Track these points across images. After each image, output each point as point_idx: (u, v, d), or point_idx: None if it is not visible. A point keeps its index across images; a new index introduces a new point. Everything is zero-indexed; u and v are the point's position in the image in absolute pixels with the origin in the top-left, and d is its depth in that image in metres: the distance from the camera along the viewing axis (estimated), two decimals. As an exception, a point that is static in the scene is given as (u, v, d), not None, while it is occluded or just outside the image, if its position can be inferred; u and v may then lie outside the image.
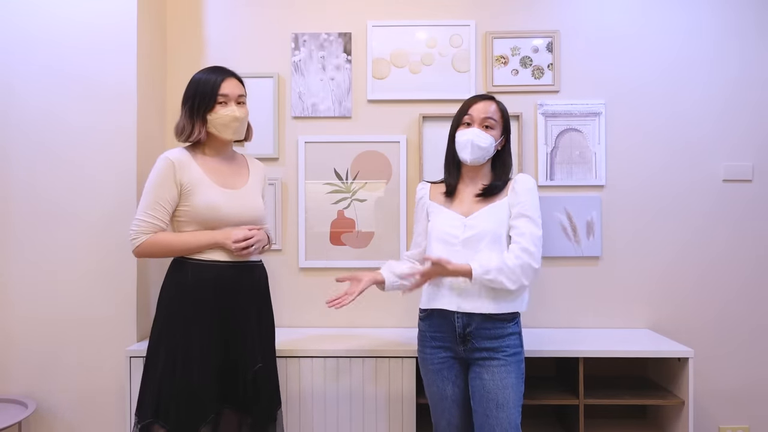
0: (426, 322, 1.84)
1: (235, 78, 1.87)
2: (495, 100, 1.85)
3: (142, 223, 1.77)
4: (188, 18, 2.56)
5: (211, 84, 1.81)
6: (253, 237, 1.81)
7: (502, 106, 1.86)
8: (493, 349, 1.73)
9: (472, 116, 1.81)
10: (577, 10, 2.53)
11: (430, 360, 1.82)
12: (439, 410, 1.82)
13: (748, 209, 2.49)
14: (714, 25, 2.50)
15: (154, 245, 1.78)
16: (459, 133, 1.82)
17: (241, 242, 1.77)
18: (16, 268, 2.28)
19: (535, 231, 1.74)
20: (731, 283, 2.49)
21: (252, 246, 1.80)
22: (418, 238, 1.95)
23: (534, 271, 1.73)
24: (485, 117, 1.80)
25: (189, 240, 1.78)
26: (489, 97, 1.86)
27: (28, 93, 2.27)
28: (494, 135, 1.80)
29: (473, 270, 1.69)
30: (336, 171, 2.52)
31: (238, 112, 1.82)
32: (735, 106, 2.49)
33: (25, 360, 2.28)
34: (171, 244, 1.78)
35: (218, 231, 1.79)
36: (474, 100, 1.84)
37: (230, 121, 1.81)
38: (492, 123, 1.80)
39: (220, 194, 1.80)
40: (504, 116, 1.85)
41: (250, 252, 1.81)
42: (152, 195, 1.77)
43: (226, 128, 1.82)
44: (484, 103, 1.82)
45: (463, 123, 1.83)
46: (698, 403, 2.44)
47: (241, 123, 1.84)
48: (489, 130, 1.80)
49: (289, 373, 2.12)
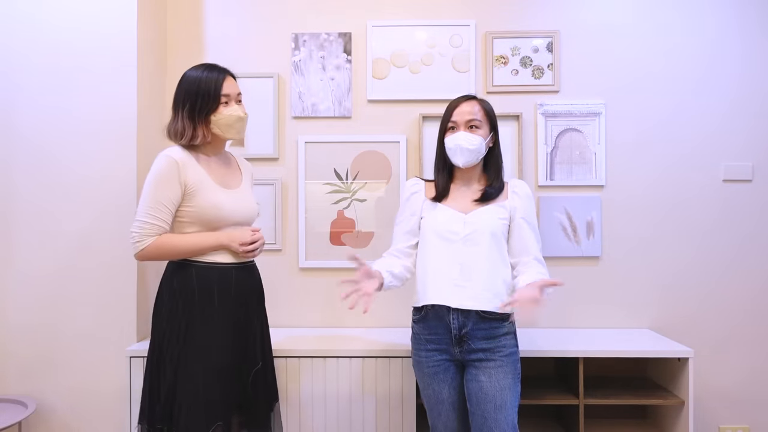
0: (420, 324, 1.81)
1: (231, 76, 1.84)
2: (477, 99, 1.85)
3: (144, 224, 1.69)
4: (188, 18, 2.56)
5: (213, 84, 1.76)
6: (259, 239, 1.82)
7: (485, 104, 1.86)
8: (489, 349, 1.72)
9: (456, 121, 1.81)
10: (577, 10, 2.53)
11: (425, 363, 1.79)
12: (435, 413, 1.80)
13: (748, 209, 2.49)
14: (714, 25, 2.50)
15: (159, 248, 1.71)
16: (447, 139, 1.82)
17: (249, 245, 1.78)
18: (16, 268, 2.28)
19: (538, 244, 1.82)
20: (731, 282, 2.48)
21: (257, 248, 1.81)
22: (407, 235, 1.88)
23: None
24: (469, 119, 1.80)
25: (194, 242, 1.74)
26: (470, 97, 1.86)
27: (28, 93, 2.28)
28: (481, 134, 1.80)
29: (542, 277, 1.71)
30: (336, 171, 2.52)
31: (241, 112, 1.80)
32: (735, 106, 2.49)
33: (25, 360, 2.28)
34: (176, 246, 1.73)
35: (222, 233, 1.76)
36: (456, 103, 1.84)
37: (235, 122, 1.79)
38: (477, 123, 1.80)
39: (222, 194, 1.78)
40: (489, 114, 1.84)
41: (255, 254, 1.82)
42: (155, 195, 1.70)
43: (230, 128, 1.79)
44: (466, 104, 1.83)
45: (448, 128, 1.83)
46: (698, 403, 2.44)
47: (244, 122, 1.82)
48: (475, 130, 1.80)
49: (289, 373, 2.12)
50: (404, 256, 1.89)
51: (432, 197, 1.86)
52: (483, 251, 1.75)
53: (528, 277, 1.72)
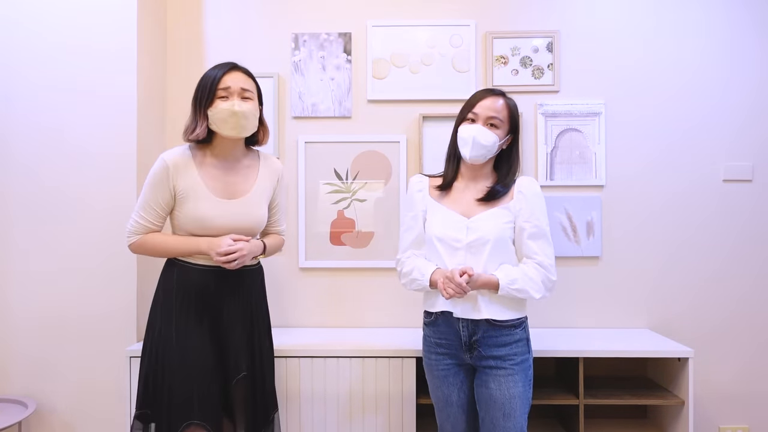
0: (431, 328, 1.78)
1: (242, 71, 1.74)
2: (504, 96, 1.76)
3: (135, 223, 1.75)
4: (188, 18, 2.56)
5: (212, 77, 1.70)
6: (237, 251, 1.68)
7: (511, 103, 1.77)
8: (501, 357, 1.69)
9: (477, 113, 1.72)
10: (577, 10, 2.53)
11: (435, 366, 1.77)
12: (444, 415, 1.78)
13: (748, 209, 2.49)
14: (715, 25, 2.50)
15: (142, 247, 1.76)
16: (462, 128, 1.74)
17: (223, 256, 1.67)
18: (16, 268, 2.28)
19: (546, 246, 1.71)
20: (731, 283, 2.48)
21: (235, 260, 1.68)
22: (414, 243, 1.80)
23: (553, 283, 1.71)
24: (491, 115, 1.71)
25: (174, 245, 1.75)
26: (498, 92, 1.76)
27: (28, 93, 2.28)
28: (499, 134, 1.72)
29: (500, 281, 1.65)
30: (336, 171, 2.52)
31: (238, 107, 1.67)
32: (735, 105, 2.49)
33: (25, 360, 2.28)
34: (156, 247, 1.76)
35: (203, 239, 1.72)
36: (481, 96, 1.75)
37: (228, 116, 1.67)
38: (497, 122, 1.71)
39: (212, 205, 1.72)
40: (512, 114, 1.75)
41: (232, 265, 1.69)
42: (146, 197, 1.73)
43: (224, 123, 1.68)
44: (491, 99, 1.73)
45: (467, 119, 1.74)
46: (698, 403, 2.44)
47: (241, 118, 1.68)
48: (493, 128, 1.71)
49: (289, 373, 2.12)
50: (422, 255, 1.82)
51: (437, 186, 1.81)
52: (488, 259, 1.68)
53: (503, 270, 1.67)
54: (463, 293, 1.62)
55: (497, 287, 1.66)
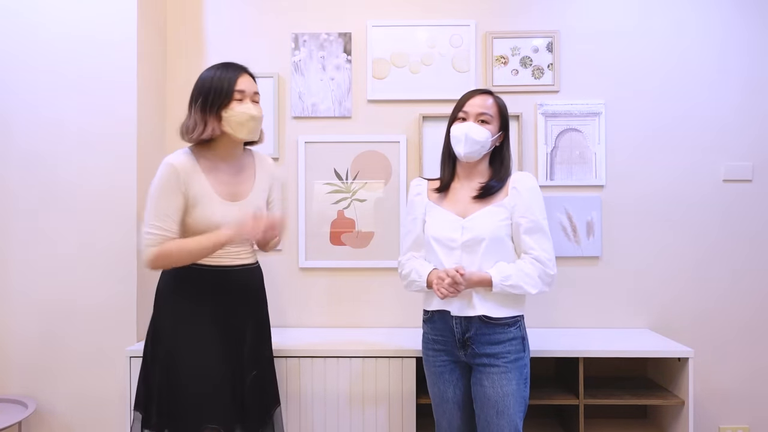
0: (428, 324, 1.82)
1: (250, 75, 1.77)
2: (492, 94, 1.81)
3: (149, 235, 1.65)
4: (188, 18, 2.56)
5: (227, 79, 1.70)
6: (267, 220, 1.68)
7: (499, 101, 1.82)
8: (494, 354, 1.71)
9: (467, 112, 1.77)
10: (577, 10, 2.53)
11: (432, 362, 1.81)
12: (440, 411, 1.81)
13: (748, 209, 2.49)
14: (715, 25, 2.50)
15: (162, 257, 1.66)
16: (453, 127, 1.78)
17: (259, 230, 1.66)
18: (16, 270, 2.28)
19: (543, 240, 1.72)
20: (731, 282, 2.48)
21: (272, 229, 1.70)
22: (414, 246, 1.84)
23: (551, 278, 1.72)
24: (480, 112, 1.75)
25: (196, 247, 1.66)
26: (485, 91, 1.82)
27: (29, 92, 2.28)
28: (491, 129, 1.75)
29: (492, 278, 1.66)
30: (336, 171, 2.52)
31: (255, 111, 1.72)
32: (735, 105, 2.49)
33: (25, 360, 2.28)
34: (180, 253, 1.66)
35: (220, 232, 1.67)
36: (470, 95, 1.81)
37: (247, 120, 1.70)
38: (488, 118, 1.76)
39: (221, 209, 1.71)
40: (501, 111, 1.80)
41: (275, 232, 1.74)
42: (158, 205, 1.66)
43: (242, 127, 1.70)
44: (480, 98, 1.79)
45: (458, 118, 1.79)
46: (698, 403, 2.44)
47: (258, 123, 1.74)
48: (485, 124, 1.75)
49: (289, 373, 2.12)
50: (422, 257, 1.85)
51: (435, 188, 1.84)
52: (483, 257, 1.70)
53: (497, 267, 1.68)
54: (457, 292, 1.65)
55: (491, 284, 1.67)
